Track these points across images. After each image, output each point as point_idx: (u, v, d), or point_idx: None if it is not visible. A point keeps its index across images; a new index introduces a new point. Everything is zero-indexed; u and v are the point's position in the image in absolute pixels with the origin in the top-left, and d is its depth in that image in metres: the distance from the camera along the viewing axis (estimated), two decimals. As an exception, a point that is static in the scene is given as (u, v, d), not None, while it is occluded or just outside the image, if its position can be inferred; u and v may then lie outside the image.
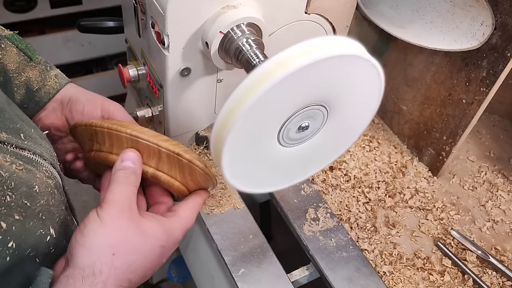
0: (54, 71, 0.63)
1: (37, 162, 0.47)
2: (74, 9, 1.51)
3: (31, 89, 0.61)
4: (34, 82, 0.61)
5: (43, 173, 0.46)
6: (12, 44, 0.61)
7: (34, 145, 0.47)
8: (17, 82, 0.61)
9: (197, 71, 0.65)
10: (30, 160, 0.46)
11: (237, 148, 0.48)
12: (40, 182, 0.45)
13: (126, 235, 0.45)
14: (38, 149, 0.48)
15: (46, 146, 0.50)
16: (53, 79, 0.62)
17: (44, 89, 0.61)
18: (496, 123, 0.97)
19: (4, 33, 0.62)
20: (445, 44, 0.70)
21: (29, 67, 0.61)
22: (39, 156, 0.47)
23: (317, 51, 0.43)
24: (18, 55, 0.61)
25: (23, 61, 0.61)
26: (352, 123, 0.56)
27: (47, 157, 0.48)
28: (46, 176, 0.47)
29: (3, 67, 0.60)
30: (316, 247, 0.68)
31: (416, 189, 0.80)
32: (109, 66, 1.75)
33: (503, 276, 0.69)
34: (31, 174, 0.44)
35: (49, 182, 0.47)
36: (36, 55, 0.62)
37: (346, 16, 0.70)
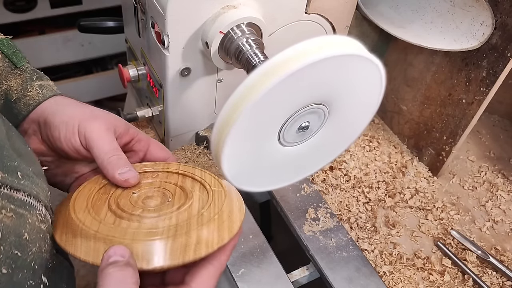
0: (40, 81, 0.55)
1: (30, 205, 0.41)
2: (74, 9, 1.51)
3: (9, 100, 0.53)
4: (14, 92, 0.54)
5: (36, 217, 0.41)
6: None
7: (31, 185, 0.42)
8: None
9: (197, 71, 0.65)
10: (24, 203, 0.41)
11: (237, 148, 0.48)
12: (32, 228, 0.40)
13: None
14: (35, 189, 0.43)
15: (43, 185, 0.45)
16: (35, 90, 0.54)
17: (23, 100, 0.54)
18: (496, 123, 0.97)
19: None
20: (445, 44, 0.70)
21: (13, 75, 0.55)
22: (34, 199, 0.42)
23: (317, 50, 0.43)
24: (3, 61, 0.55)
25: (7, 68, 0.55)
26: (352, 123, 0.56)
27: (42, 199, 0.43)
28: (39, 221, 0.42)
29: None
30: (316, 247, 0.68)
31: (416, 189, 0.80)
32: (109, 66, 1.75)
33: (503, 276, 0.69)
34: (21, 220, 0.39)
35: (42, 227, 0.42)
36: (22, 62, 0.55)
37: (346, 16, 0.70)
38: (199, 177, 0.52)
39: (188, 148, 0.77)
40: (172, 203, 0.47)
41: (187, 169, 0.53)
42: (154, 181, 0.51)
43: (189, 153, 0.77)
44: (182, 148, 0.77)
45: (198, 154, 0.77)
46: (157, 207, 0.46)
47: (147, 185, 0.51)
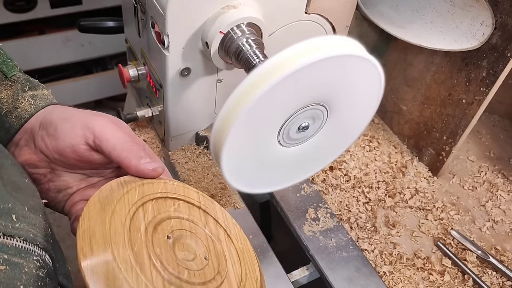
0: (32, 91, 0.51)
1: (27, 251, 0.38)
2: (74, 9, 1.51)
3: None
4: (4, 104, 0.50)
5: (33, 263, 0.38)
6: None
7: (28, 227, 0.39)
8: None
9: (197, 71, 0.65)
10: (19, 250, 0.37)
11: (237, 148, 0.48)
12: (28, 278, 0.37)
13: None
14: (32, 231, 0.39)
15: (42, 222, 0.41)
16: (27, 100, 0.50)
17: (15, 112, 0.50)
18: (496, 123, 0.97)
19: None
20: (445, 44, 0.70)
21: (3, 86, 0.51)
22: (30, 243, 0.38)
23: (317, 51, 0.43)
24: None
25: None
26: (352, 123, 0.56)
27: (40, 241, 0.39)
28: (36, 267, 0.38)
29: None
30: (316, 247, 0.68)
31: (416, 189, 0.80)
32: (109, 66, 1.75)
33: (503, 276, 0.69)
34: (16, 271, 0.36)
35: (39, 273, 0.38)
36: (14, 72, 0.51)
37: (346, 16, 0.70)
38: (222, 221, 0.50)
39: (188, 148, 0.77)
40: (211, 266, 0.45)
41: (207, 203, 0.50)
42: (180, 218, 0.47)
43: (189, 153, 0.77)
44: (182, 148, 0.77)
45: (198, 154, 0.77)
46: (200, 272, 0.44)
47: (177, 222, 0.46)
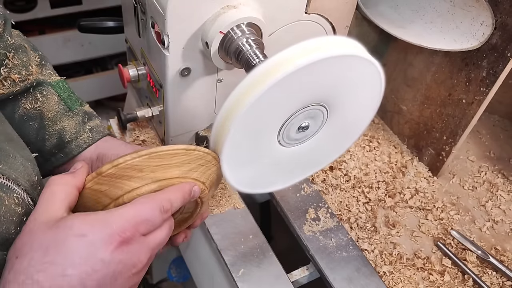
0: (91, 123, 0.62)
1: (8, 188, 0.44)
2: (74, 9, 1.50)
3: (63, 140, 0.59)
4: (68, 133, 0.60)
5: (13, 199, 0.44)
6: (55, 92, 0.61)
7: (9, 170, 0.45)
8: (51, 130, 0.60)
9: (197, 71, 0.65)
10: (1, 185, 0.43)
11: (237, 148, 0.48)
12: (6, 210, 0.42)
13: (35, 233, 0.40)
14: (13, 174, 0.45)
15: (27, 170, 0.48)
16: (86, 133, 0.61)
17: (75, 141, 0.60)
18: (496, 123, 0.97)
19: (51, 79, 0.61)
20: (445, 44, 0.70)
21: (66, 117, 0.61)
22: (12, 182, 0.44)
23: (316, 51, 0.43)
24: (58, 103, 0.60)
25: (62, 110, 0.61)
26: (352, 123, 0.56)
27: (21, 183, 0.45)
28: (15, 204, 0.43)
29: (40, 114, 0.59)
30: (316, 247, 0.68)
31: (416, 189, 0.80)
32: (109, 66, 1.74)
33: (503, 276, 0.69)
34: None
35: (17, 210, 0.44)
36: (76, 106, 0.62)
37: (346, 16, 0.70)
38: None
39: (188, 148, 0.77)
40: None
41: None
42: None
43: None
44: (182, 148, 0.77)
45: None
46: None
47: None
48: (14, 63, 0.59)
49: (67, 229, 0.39)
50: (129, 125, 0.80)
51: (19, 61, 0.59)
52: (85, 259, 0.38)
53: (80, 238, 0.39)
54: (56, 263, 0.38)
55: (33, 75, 0.60)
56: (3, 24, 0.58)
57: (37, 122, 0.60)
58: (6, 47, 0.58)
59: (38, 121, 0.60)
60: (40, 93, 0.60)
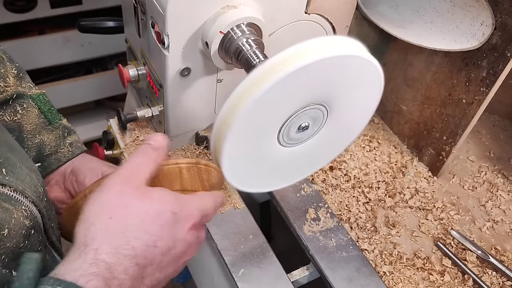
0: (71, 138, 0.62)
1: (16, 200, 0.44)
2: (74, 9, 1.51)
3: (42, 153, 0.59)
4: (47, 146, 0.60)
5: (21, 212, 0.44)
6: (35, 105, 0.60)
7: (16, 181, 0.44)
8: (30, 143, 0.59)
9: (197, 71, 0.65)
10: (9, 198, 0.43)
11: (237, 148, 0.48)
12: (15, 223, 0.42)
13: (127, 198, 0.41)
14: (20, 185, 0.45)
15: (33, 181, 0.48)
16: (67, 147, 0.61)
17: (55, 155, 0.60)
18: (496, 123, 0.97)
19: (31, 92, 0.61)
20: (445, 44, 0.70)
21: (46, 130, 0.61)
22: (20, 194, 0.44)
23: (317, 51, 0.43)
24: (38, 117, 0.60)
25: (41, 123, 0.60)
26: (351, 123, 0.56)
27: (29, 195, 0.45)
28: (23, 216, 0.44)
29: (19, 127, 0.59)
30: (316, 247, 0.68)
31: (416, 189, 0.80)
32: (109, 66, 1.74)
33: (503, 276, 0.69)
34: (7, 214, 0.42)
35: (25, 223, 0.44)
36: (56, 120, 0.62)
37: (346, 16, 0.70)
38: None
39: (188, 148, 0.77)
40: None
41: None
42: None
43: (189, 153, 0.77)
44: (182, 148, 0.77)
45: (198, 154, 0.77)
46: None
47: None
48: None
49: (163, 203, 0.42)
50: (129, 125, 0.80)
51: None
52: (171, 235, 0.41)
53: (173, 214, 0.42)
54: (151, 233, 0.40)
55: (10, 87, 0.59)
56: None
57: (15, 135, 0.59)
58: None
59: (16, 133, 0.59)
60: (20, 105, 0.59)
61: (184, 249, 0.43)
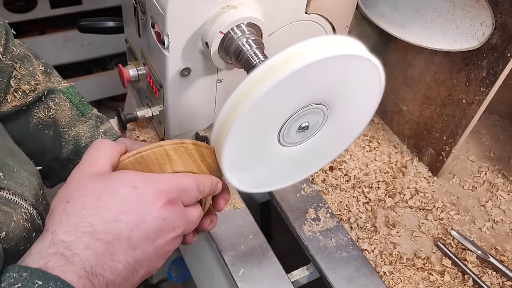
0: (104, 126, 0.63)
1: (15, 203, 0.44)
2: (74, 9, 1.51)
3: (79, 145, 0.60)
4: (83, 138, 0.61)
5: (21, 215, 0.44)
6: (66, 98, 0.61)
7: (15, 185, 0.45)
8: (67, 137, 0.60)
9: (197, 71, 0.65)
10: (8, 201, 0.44)
11: (237, 148, 0.48)
12: (15, 226, 0.43)
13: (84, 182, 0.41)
14: (19, 189, 0.45)
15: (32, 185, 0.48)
16: (101, 136, 0.62)
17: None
18: (496, 123, 0.97)
19: (60, 86, 0.62)
20: (445, 44, 0.70)
21: (80, 122, 0.61)
22: (19, 197, 0.45)
23: (317, 50, 0.43)
24: (71, 109, 0.61)
25: (75, 115, 0.61)
26: (351, 123, 0.56)
27: (28, 198, 0.46)
28: (23, 219, 0.44)
29: (55, 121, 0.60)
30: (316, 247, 0.68)
31: (416, 189, 0.80)
32: (109, 66, 1.75)
33: (503, 276, 0.69)
34: (7, 217, 0.42)
35: (26, 226, 0.44)
36: (88, 111, 0.62)
37: (346, 16, 0.70)
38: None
39: (188, 148, 0.77)
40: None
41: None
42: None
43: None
44: (182, 148, 0.77)
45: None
46: None
47: None
48: (22, 74, 0.59)
49: (120, 179, 0.41)
50: (129, 125, 0.80)
51: (26, 71, 0.59)
52: (135, 209, 0.40)
53: (133, 189, 0.41)
54: (109, 208, 0.39)
55: (41, 83, 0.60)
56: (5, 34, 0.58)
57: (52, 130, 0.60)
58: (13, 58, 0.58)
59: (53, 128, 0.60)
60: (52, 100, 0.60)
61: (159, 224, 0.41)
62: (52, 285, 0.34)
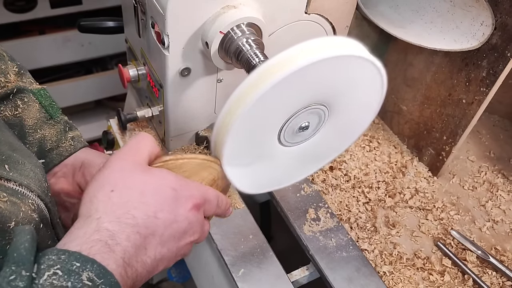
0: (72, 133, 0.62)
1: (22, 194, 0.45)
2: (74, 9, 1.50)
3: (43, 148, 0.59)
4: (48, 141, 0.60)
5: (28, 206, 0.44)
6: (36, 99, 0.60)
7: (20, 177, 0.45)
8: (31, 138, 0.59)
9: (197, 71, 0.65)
10: (16, 192, 0.44)
11: (237, 148, 0.48)
12: (24, 217, 0.43)
13: (128, 172, 0.43)
14: (25, 180, 0.46)
15: (38, 176, 0.48)
16: (68, 141, 0.61)
17: (56, 150, 0.60)
18: (496, 123, 0.97)
19: (32, 87, 0.61)
20: (445, 44, 0.70)
21: (48, 125, 0.60)
22: (25, 188, 0.45)
23: (317, 51, 0.43)
24: (40, 111, 0.60)
25: (43, 118, 0.60)
26: (352, 123, 0.56)
27: (34, 189, 0.46)
28: (31, 210, 0.45)
29: (21, 121, 0.59)
30: (316, 247, 0.68)
31: (416, 189, 0.80)
32: (109, 66, 1.74)
33: (503, 276, 0.69)
34: (15, 207, 0.42)
35: (34, 216, 0.44)
36: (58, 114, 0.62)
37: (346, 16, 0.70)
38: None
39: (188, 148, 0.77)
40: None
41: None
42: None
43: (189, 153, 0.77)
44: (182, 148, 0.77)
45: (198, 154, 0.77)
46: None
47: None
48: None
49: (162, 179, 0.44)
50: (129, 125, 0.80)
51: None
52: (171, 209, 0.43)
53: (173, 190, 0.43)
54: (151, 204, 0.42)
55: (11, 82, 0.59)
56: None
57: (17, 130, 0.59)
58: None
59: (18, 128, 0.59)
60: (21, 99, 0.59)
61: (186, 226, 0.44)
62: (89, 267, 0.36)
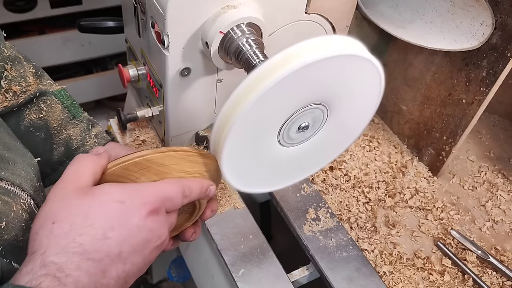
0: (95, 130, 0.63)
1: (14, 194, 0.45)
2: (74, 9, 1.50)
3: (70, 148, 0.61)
4: (74, 140, 0.61)
5: (20, 205, 0.45)
6: (58, 100, 0.62)
7: (12, 176, 0.46)
8: (58, 139, 0.61)
9: (197, 71, 0.65)
10: (8, 191, 0.44)
11: (237, 148, 0.48)
12: (14, 216, 0.43)
13: (68, 201, 0.41)
14: (17, 179, 0.46)
15: (29, 176, 0.48)
16: (92, 139, 0.62)
17: (82, 148, 0.61)
18: (496, 123, 0.97)
19: (52, 88, 0.62)
20: (445, 44, 0.70)
21: (72, 124, 0.62)
22: (17, 187, 0.45)
23: (317, 50, 0.43)
24: (63, 112, 0.61)
25: (66, 118, 0.62)
26: (351, 123, 0.56)
27: (26, 188, 0.46)
28: (22, 209, 0.45)
29: (46, 123, 0.60)
30: (316, 247, 0.68)
31: (416, 189, 0.80)
32: (109, 66, 1.74)
33: (503, 276, 0.69)
34: (7, 207, 0.43)
35: (25, 216, 0.45)
36: (80, 113, 0.63)
37: (346, 16, 0.70)
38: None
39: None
40: None
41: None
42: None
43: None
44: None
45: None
46: None
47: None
48: (13, 75, 0.59)
49: (105, 195, 0.41)
50: (129, 125, 0.80)
51: (17, 73, 0.59)
52: (122, 224, 0.40)
53: (119, 204, 0.41)
54: (97, 226, 0.39)
55: (32, 85, 0.60)
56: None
57: (43, 132, 0.60)
58: (4, 59, 0.58)
59: (44, 130, 0.60)
60: (44, 102, 0.61)
61: (146, 235, 0.42)
62: None
